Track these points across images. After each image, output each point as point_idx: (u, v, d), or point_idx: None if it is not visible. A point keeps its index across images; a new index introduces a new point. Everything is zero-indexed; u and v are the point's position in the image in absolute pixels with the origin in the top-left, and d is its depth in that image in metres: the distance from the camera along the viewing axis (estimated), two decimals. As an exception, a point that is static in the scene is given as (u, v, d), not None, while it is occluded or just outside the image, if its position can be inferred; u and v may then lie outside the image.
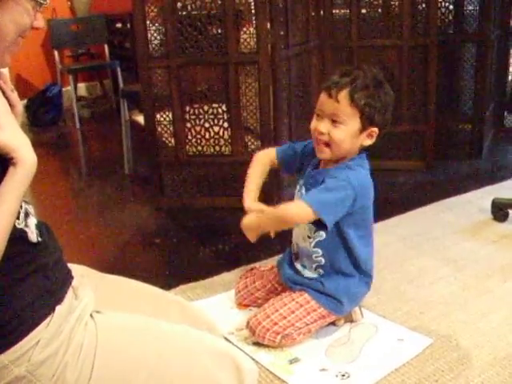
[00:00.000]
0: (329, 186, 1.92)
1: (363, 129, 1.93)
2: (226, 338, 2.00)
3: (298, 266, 2.13)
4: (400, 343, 2.03)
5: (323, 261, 2.06)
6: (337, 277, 2.07)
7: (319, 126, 1.95)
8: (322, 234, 2.01)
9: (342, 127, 1.91)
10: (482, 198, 3.26)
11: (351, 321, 2.18)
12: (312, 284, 2.07)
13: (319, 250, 2.05)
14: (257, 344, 2.05)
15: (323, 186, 1.93)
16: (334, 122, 1.92)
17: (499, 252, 2.69)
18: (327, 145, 1.95)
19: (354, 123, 1.91)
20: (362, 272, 2.10)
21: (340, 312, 2.10)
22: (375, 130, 1.95)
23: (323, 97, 1.96)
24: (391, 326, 2.14)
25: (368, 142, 1.97)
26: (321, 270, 2.07)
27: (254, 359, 1.91)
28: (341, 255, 2.05)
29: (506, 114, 4.62)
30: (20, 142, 1.16)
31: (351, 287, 2.08)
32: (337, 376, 1.88)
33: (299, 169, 2.18)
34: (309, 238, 2.05)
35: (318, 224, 1.96)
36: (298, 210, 1.93)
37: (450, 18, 4.03)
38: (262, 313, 2.05)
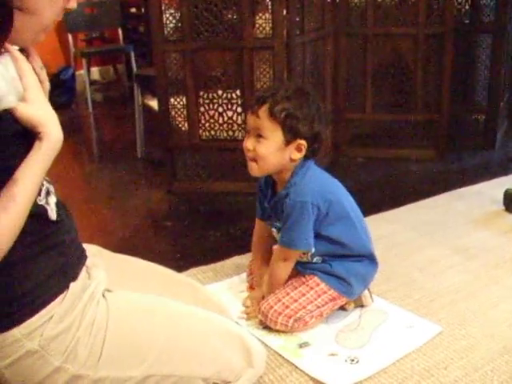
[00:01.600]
0: (290, 220, 1.97)
1: (288, 142, 1.92)
2: (237, 322, 2.00)
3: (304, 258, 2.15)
4: (410, 330, 2.03)
5: (326, 258, 2.10)
6: (344, 260, 2.09)
7: (246, 142, 1.98)
8: (311, 250, 2.04)
9: (265, 142, 1.92)
10: (494, 189, 3.25)
11: (362, 305, 2.19)
12: (321, 267, 2.09)
13: (317, 258, 2.10)
14: (267, 328, 2.06)
15: (287, 224, 1.98)
16: (258, 137, 1.93)
17: (510, 242, 2.68)
18: (255, 160, 1.97)
19: (277, 137, 1.91)
20: (364, 255, 2.12)
21: (350, 294, 2.11)
22: (302, 142, 1.93)
23: (248, 114, 2.00)
24: (401, 313, 2.14)
25: (297, 155, 1.96)
26: (326, 258, 2.09)
27: (263, 342, 1.93)
28: (337, 250, 2.08)
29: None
30: (47, 117, 1.18)
31: (359, 269, 2.11)
32: (346, 361, 1.89)
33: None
34: (301, 257, 2.10)
35: None
36: (280, 264, 2.07)
37: (467, 7, 4.01)
38: (273, 297, 2.07)
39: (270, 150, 1.92)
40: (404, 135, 3.86)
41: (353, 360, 1.89)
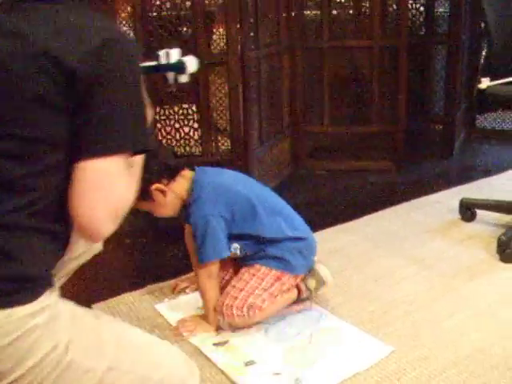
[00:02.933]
0: (197, 237, 2.08)
1: (150, 199, 2.11)
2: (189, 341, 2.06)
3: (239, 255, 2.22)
4: (360, 350, 2.00)
5: (257, 248, 2.18)
6: (273, 243, 2.16)
7: None
8: (225, 255, 2.12)
9: (151, 211, 2.18)
10: (451, 198, 3.29)
11: (323, 282, 2.25)
12: (256, 256, 2.17)
13: (249, 251, 2.17)
14: (217, 344, 2.05)
15: (196, 241, 2.09)
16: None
17: (466, 252, 2.71)
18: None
19: (145, 204, 2.13)
20: (289, 237, 2.17)
21: (291, 269, 2.16)
22: (154, 187, 2.09)
23: None
24: (354, 332, 2.11)
25: (168, 193, 2.12)
26: (257, 248, 2.17)
27: (209, 359, 1.96)
28: (261, 240, 2.14)
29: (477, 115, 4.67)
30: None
31: (290, 245, 2.16)
32: (289, 380, 1.86)
33: None
34: (236, 255, 2.18)
35: None
36: (205, 281, 2.12)
37: (421, 19, 4.06)
38: (223, 294, 2.12)
39: (158, 211, 2.18)
40: (362, 147, 3.89)
41: (297, 379, 1.86)
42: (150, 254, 2.87)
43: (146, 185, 2.03)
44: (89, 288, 2.53)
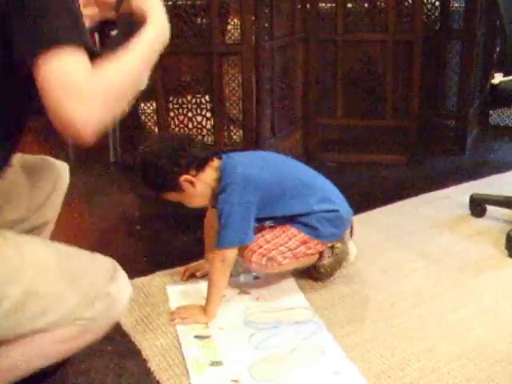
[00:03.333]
0: (222, 220, 2.10)
1: (180, 189, 2.13)
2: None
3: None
4: (333, 377, 1.86)
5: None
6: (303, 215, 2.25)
7: None
8: (247, 242, 2.16)
9: (181, 201, 2.21)
10: (462, 194, 3.29)
11: (345, 251, 2.35)
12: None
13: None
14: (198, 337, 2.04)
15: (220, 225, 2.11)
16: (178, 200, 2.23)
17: (474, 247, 2.71)
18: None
19: (175, 195, 2.17)
20: (320, 208, 2.25)
21: (320, 236, 2.25)
22: (183, 178, 2.11)
23: None
24: (337, 357, 1.94)
25: (198, 184, 2.13)
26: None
27: (182, 351, 1.96)
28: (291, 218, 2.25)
29: (490, 111, 4.66)
30: (154, 4, 1.36)
31: (321, 215, 2.24)
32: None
33: None
34: None
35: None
36: (217, 265, 2.11)
37: (436, 14, 4.05)
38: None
39: (188, 200, 2.20)
40: (374, 140, 3.89)
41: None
42: (159, 241, 2.90)
43: (174, 176, 2.09)
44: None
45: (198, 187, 2.14)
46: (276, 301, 2.27)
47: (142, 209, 3.31)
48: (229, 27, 3.17)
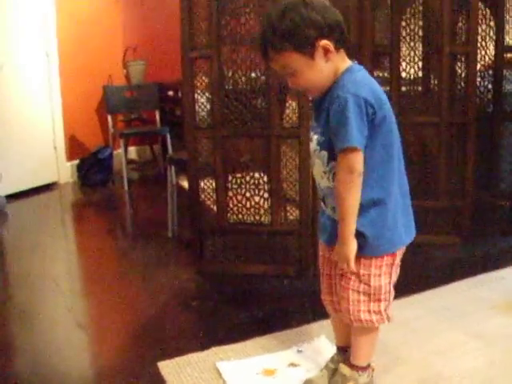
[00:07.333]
0: (342, 116, 1.79)
1: (310, 53, 1.83)
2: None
3: (328, 210, 2.03)
4: None
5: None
6: (366, 209, 1.93)
7: (289, 84, 1.95)
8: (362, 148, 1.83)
9: (297, 74, 1.87)
10: (516, 275, 3.29)
11: None
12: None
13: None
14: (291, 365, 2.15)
15: (340, 122, 1.79)
16: (290, 74, 1.89)
17: (530, 330, 2.71)
18: (307, 91, 1.98)
19: (299, 60, 1.84)
20: (393, 193, 2.00)
21: (395, 243, 2.05)
22: (322, 43, 1.82)
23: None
24: None
25: (330, 56, 1.85)
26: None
27: None
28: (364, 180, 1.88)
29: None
30: None
31: (385, 215, 1.97)
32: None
33: None
34: (324, 173, 1.95)
35: (330, 155, 1.90)
36: (345, 177, 1.83)
37: (489, 96, 4.12)
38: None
39: (306, 76, 1.86)
40: (428, 221, 3.92)
41: None
42: (215, 317, 2.97)
43: (315, 35, 1.81)
44: (155, 347, 2.64)
45: (329, 64, 1.85)
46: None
47: (198, 285, 3.39)
48: (287, 111, 3.29)
